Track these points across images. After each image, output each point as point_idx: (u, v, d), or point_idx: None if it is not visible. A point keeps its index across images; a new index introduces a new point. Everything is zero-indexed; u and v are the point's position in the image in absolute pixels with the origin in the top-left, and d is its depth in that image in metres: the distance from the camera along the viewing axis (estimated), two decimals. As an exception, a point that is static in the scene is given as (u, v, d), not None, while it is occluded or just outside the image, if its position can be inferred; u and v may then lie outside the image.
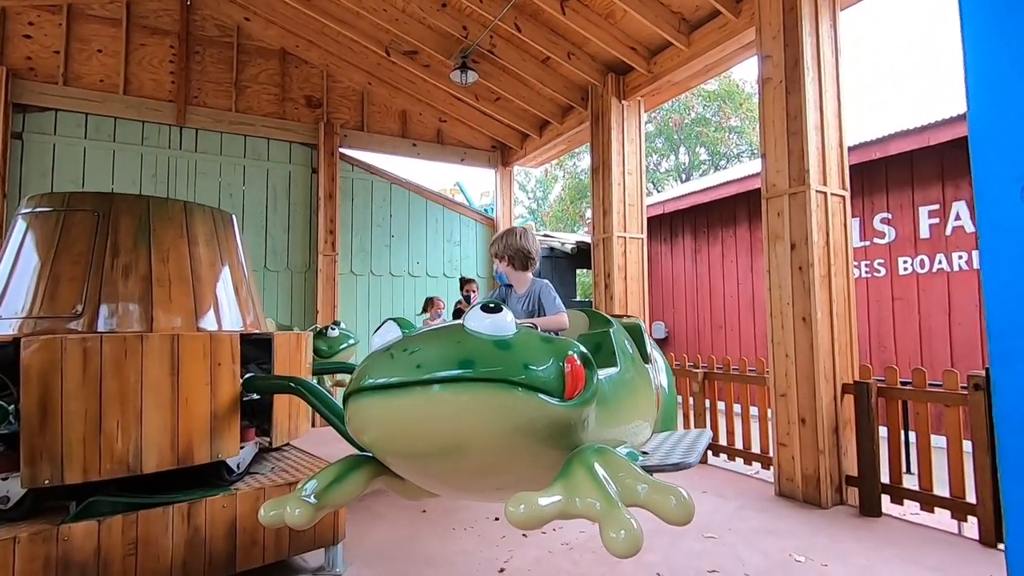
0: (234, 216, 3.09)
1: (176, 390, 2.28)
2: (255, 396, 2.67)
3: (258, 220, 6.67)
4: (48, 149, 5.67)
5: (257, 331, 2.87)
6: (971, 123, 1.02)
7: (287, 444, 3.27)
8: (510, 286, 2.68)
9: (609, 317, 2.43)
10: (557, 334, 2.37)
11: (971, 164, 1.02)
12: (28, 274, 2.43)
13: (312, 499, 1.50)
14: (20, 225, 2.57)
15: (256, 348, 2.79)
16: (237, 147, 6.59)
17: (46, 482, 2.01)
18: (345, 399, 1.36)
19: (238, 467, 2.63)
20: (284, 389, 2.56)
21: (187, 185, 6.27)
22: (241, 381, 2.52)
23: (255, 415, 2.77)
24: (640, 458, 1.84)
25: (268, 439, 2.75)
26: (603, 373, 1.79)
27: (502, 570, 2.72)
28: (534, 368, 1.33)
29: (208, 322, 2.64)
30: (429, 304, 6.05)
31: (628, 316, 3.00)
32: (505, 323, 1.41)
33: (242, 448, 2.59)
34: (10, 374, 2.10)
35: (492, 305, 1.43)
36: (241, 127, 6.55)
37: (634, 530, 1.14)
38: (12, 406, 2.05)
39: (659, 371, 2.64)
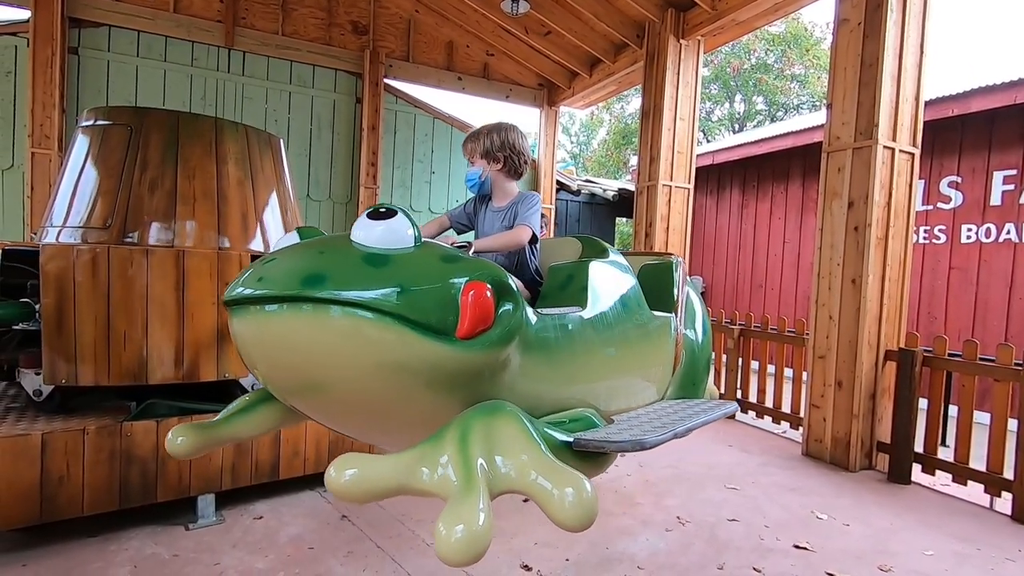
0: (271, 136, 3.00)
1: (181, 305, 2.30)
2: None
3: (302, 149, 6.71)
4: (103, 67, 5.75)
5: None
6: None
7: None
8: (486, 197, 2.15)
9: (608, 247, 1.90)
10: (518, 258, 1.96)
11: None
12: (79, 186, 2.50)
13: (203, 430, 1.42)
14: (76, 138, 2.63)
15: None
16: (283, 73, 6.55)
17: (63, 381, 2.14)
18: None
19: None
20: None
21: (235, 110, 6.31)
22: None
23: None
24: (600, 425, 1.49)
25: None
26: (558, 311, 1.48)
27: (526, 500, 2.84)
28: (410, 293, 1.06)
29: (234, 242, 2.63)
30: None
31: (667, 254, 2.53)
32: (402, 233, 1.14)
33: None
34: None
35: (383, 210, 1.15)
36: (287, 51, 6.49)
37: (476, 529, 0.92)
38: (38, 306, 2.18)
39: (690, 323, 2.25)
